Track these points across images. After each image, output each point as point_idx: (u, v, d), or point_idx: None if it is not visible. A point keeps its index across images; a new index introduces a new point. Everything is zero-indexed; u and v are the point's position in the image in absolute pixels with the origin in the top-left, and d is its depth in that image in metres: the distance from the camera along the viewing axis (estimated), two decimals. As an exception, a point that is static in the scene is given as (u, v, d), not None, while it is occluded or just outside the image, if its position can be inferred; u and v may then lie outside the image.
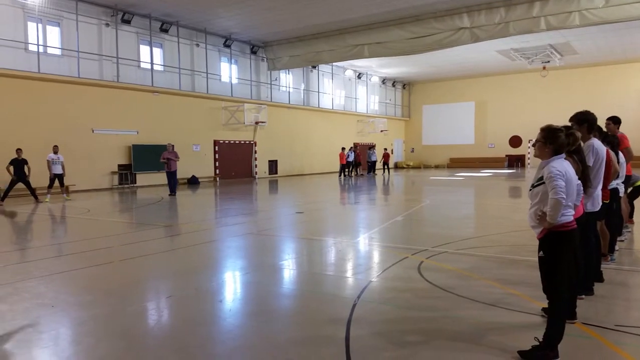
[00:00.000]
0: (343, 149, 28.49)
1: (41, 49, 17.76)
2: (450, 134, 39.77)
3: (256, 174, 27.09)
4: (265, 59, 27.32)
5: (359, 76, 35.86)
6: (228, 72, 25.68)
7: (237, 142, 25.88)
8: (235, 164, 25.83)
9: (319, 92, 31.85)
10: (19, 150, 14.66)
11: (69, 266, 6.65)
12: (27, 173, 14.65)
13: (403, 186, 22.54)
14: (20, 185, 14.83)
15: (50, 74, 17.79)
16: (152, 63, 21.48)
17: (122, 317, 4.59)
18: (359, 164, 29.99)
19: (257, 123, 25.85)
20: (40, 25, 17.84)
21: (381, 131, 36.70)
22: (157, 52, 22.26)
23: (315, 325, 4.32)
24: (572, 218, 3.65)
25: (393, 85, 40.28)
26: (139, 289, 5.65)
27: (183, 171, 22.30)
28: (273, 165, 28.45)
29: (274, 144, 27.91)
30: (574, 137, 3.92)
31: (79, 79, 18.65)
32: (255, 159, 27.04)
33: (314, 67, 30.63)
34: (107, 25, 19.96)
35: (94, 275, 6.21)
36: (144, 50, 21.61)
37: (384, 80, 38.88)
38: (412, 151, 42.25)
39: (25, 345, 3.91)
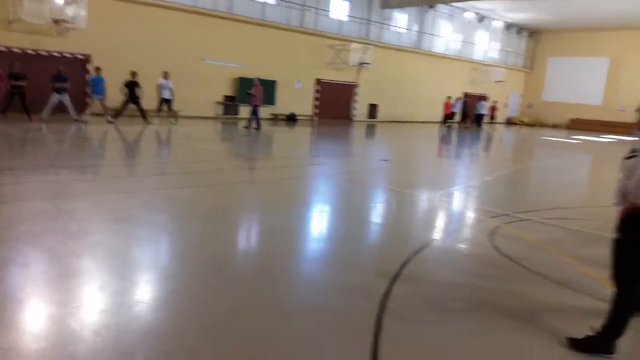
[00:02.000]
0: (449, 97, 27.05)
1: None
2: (574, 92, 35.91)
3: (354, 116, 26.83)
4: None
5: (480, 20, 33.21)
6: (339, 8, 25.09)
7: (338, 82, 25.61)
8: (334, 105, 25.69)
9: (433, 34, 30.14)
10: (133, 74, 15.64)
11: (153, 185, 7.17)
12: (138, 95, 15.69)
13: (507, 144, 21.07)
14: (132, 106, 15.98)
15: (167, 1, 18.65)
16: (263, -4, 21.59)
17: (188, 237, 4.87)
18: (466, 116, 28.39)
19: (361, 64, 25.27)
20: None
21: (497, 81, 34.12)
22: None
23: (363, 275, 4.26)
24: None
25: (518, 32, 36.85)
26: (222, 213, 5.94)
27: (283, 107, 22.76)
28: (373, 109, 27.93)
29: (376, 87, 27.21)
30: None
31: (194, 8, 19.35)
32: (355, 101, 26.70)
33: (431, 6, 28.85)
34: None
35: (173, 196, 6.64)
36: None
37: (508, 26, 35.69)
38: (530, 107, 38.99)
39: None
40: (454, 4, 28.64)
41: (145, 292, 3.66)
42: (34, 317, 3.17)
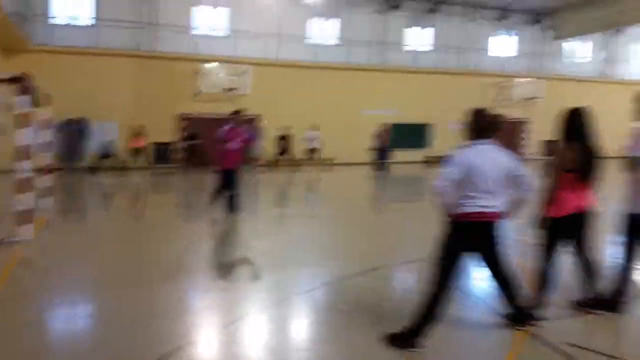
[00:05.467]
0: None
1: (318, 41, 20.78)
2: None
3: (527, 153, 24.69)
4: (549, 28, 24.36)
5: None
6: (501, 46, 24.10)
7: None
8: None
9: (624, 61, 26.37)
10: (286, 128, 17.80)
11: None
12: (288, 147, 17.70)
13: None
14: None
15: (325, 61, 20.65)
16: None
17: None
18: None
19: (530, 99, 23.47)
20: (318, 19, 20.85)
21: None
22: (428, 32, 22.80)
23: None
24: (473, 210, 3.39)
25: None
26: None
27: (438, 149, 22.50)
28: (551, 145, 25.29)
29: (551, 122, 24.71)
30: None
31: (347, 65, 20.97)
32: (526, 138, 24.64)
33: (618, 30, 25.49)
34: (378, 12, 21.62)
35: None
36: (411, 32, 22.48)
37: None
38: None
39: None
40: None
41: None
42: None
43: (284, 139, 18.03)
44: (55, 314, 4.31)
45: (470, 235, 3.47)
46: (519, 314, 3.80)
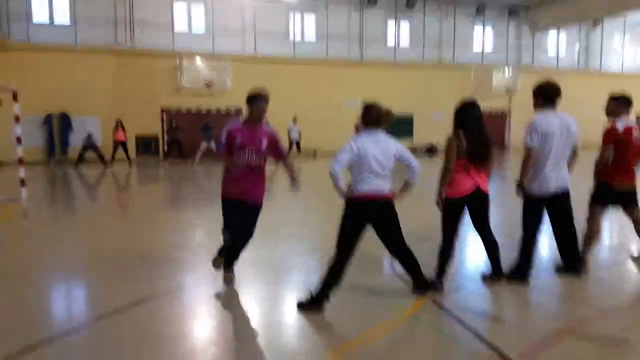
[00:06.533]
0: None
1: (298, 37, 21.18)
2: None
3: (508, 144, 25.25)
4: (525, 21, 24.85)
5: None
6: (478, 39, 24.56)
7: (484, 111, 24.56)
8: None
9: (602, 52, 26.90)
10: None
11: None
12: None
13: None
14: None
15: (304, 57, 21.03)
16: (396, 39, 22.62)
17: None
18: None
19: (508, 91, 23.98)
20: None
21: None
22: (405, 26, 23.22)
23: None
24: (366, 190, 3.87)
25: None
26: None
27: (420, 140, 22.98)
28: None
29: (528, 111, 25.22)
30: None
31: (326, 60, 21.39)
32: (508, 130, 25.18)
33: (595, 22, 26.01)
34: (355, 8, 22.02)
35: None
36: (390, 26, 22.90)
37: None
38: None
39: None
40: (628, 15, 25.30)
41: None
42: None
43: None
44: None
45: (366, 212, 3.93)
46: (422, 284, 4.26)
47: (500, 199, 8.56)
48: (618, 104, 5.03)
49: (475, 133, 4.40)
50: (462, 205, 4.38)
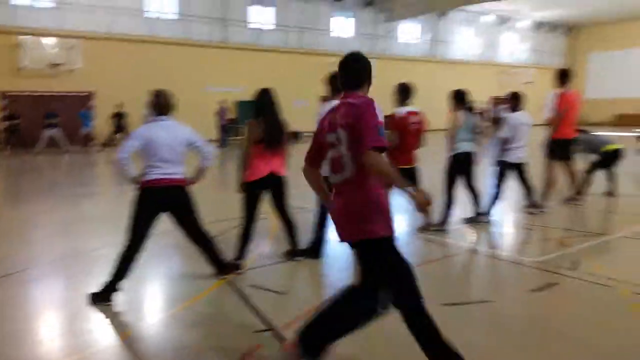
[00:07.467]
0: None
1: (155, 15, 20.42)
2: (620, 87, 33.38)
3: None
4: (381, 11, 26.54)
5: (503, 22, 32.19)
6: (340, 26, 25.74)
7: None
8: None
9: (448, 41, 29.70)
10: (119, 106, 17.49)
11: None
12: (125, 125, 17.34)
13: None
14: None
15: (163, 36, 20.37)
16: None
17: None
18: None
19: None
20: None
21: (524, 83, 32.67)
22: (268, 10, 23.49)
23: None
24: (155, 177, 4.01)
25: (552, 30, 35.14)
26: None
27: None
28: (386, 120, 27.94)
29: (386, 99, 27.21)
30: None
31: (188, 40, 20.95)
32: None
33: (443, 14, 28.59)
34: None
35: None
36: (253, 10, 23.03)
37: (538, 25, 34.19)
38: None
39: None
40: (468, 8, 28.16)
41: None
42: None
43: (119, 116, 17.62)
44: None
45: (156, 199, 4.06)
46: (222, 265, 4.61)
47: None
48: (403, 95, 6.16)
49: (270, 119, 4.73)
50: (260, 188, 4.72)
